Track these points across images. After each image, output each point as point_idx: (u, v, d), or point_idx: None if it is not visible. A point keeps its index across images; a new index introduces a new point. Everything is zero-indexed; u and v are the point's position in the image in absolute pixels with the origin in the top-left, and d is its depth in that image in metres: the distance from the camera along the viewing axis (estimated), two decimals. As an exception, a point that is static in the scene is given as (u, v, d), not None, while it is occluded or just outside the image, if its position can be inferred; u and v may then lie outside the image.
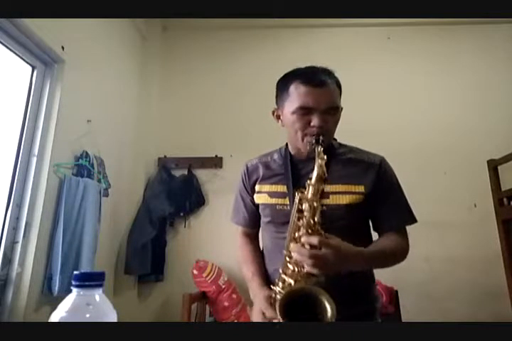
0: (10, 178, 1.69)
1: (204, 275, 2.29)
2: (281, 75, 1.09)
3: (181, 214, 2.67)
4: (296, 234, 0.89)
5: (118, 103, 2.56)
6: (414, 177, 2.71)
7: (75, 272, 0.51)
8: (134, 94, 2.82)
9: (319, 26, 3.03)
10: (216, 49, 3.08)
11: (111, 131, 2.40)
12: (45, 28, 1.75)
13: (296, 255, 0.82)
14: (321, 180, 0.88)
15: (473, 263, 2.51)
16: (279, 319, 0.81)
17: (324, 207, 0.96)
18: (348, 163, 1.04)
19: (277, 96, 1.07)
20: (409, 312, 2.19)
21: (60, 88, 1.88)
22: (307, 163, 1.02)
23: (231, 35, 3.10)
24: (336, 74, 1.07)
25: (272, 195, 1.05)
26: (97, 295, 0.51)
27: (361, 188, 0.99)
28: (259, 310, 0.92)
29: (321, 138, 0.93)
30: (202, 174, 2.78)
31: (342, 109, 1.05)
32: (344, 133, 1.20)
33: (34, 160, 1.76)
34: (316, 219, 0.86)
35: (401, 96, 2.92)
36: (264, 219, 1.10)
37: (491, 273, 2.46)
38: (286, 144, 1.13)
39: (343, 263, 0.83)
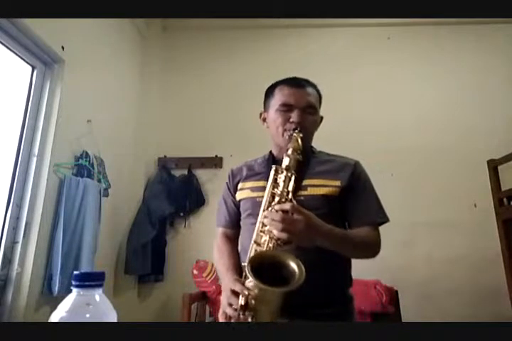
0: (10, 178, 1.69)
1: (204, 275, 2.29)
2: (282, 75, 1.18)
3: (181, 214, 2.67)
4: (269, 206, 0.92)
5: (118, 103, 2.56)
6: (414, 177, 2.72)
7: (75, 272, 0.51)
8: (134, 94, 2.82)
9: (319, 26, 3.03)
10: (216, 49, 3.08)
11: (111, 131, 2.40)
12: (45, 28, 1.75)
13: (268, 220, 0.85)
14: (297, 151, 0.99)
15: (473, 263, 2.50)
16: (245, 292, 0.81)
17: (302, 198, 1.02)
18: (325, 162, 1.12)
19: (265, 101, 1.19)
20: (409, 312, 2.19)
21: (60, 88, 1.88)
22: None
23: (231, 35, 3.10)
24: (336, 76, 1.13)
25: (253, 189, 1.11)
26: (97, 295, 0.51)
27: (337, 183, 1.05)
28: (228, 289, 0.90)
29: (298, 129, 1.04)
30: (202, 174, 2.78)
31: (322, 118, 1.20)
32: (344, 133, 1.20)
33: (34, 160, 1.76)
34: (290, 188, 0.92)
35: (401, 96, 2.91)
36: (244, 214, 1.14)
37: (491, 273, 2.46)
38: (270, 151, 1.22)
39: (312, 232, 0.86)
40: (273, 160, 1.16)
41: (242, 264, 0.96)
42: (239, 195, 1.15)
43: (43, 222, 1.72)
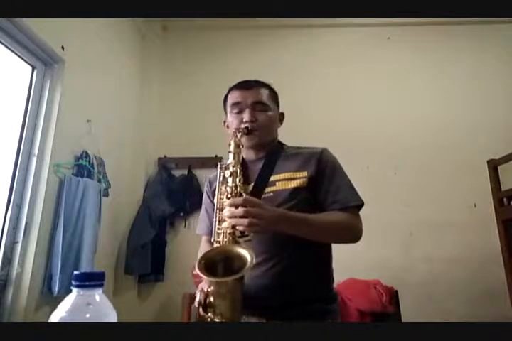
0: (10, 178, 1.69)
1: (204, 275, 2.29)
2: (282, 75, 1.18)
3: (181, 214, 2.67)
4: (221, 203, 0.94)
5: (118, 103, 2.56)
6: (414, 177, 2.72)
7: (75, 272, 0.51)
8: (134, 94, 2.82)
9: (319, 26, 3.03)
10: (216, 49, 3.08)
11: (111, 131, 2.40)
12: (45, 28, 1.75)
13: (230, 219, 0.85)
14: (238, 147, 1.03)
15: (473, 263, 2.50)
16: (204, 289, 0.81)
17: (271, 194, 1.04)
18: (292, 156, 1.12)
19: (224, 109, 1.23)
20: (409, 312, 2.19)
21: (60, 88, 1.88)
22: (257, 161, 1.12)
23: (231, 35, 3.10)
24: (337, 76, 1.12)
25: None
26: (97, 295, 0.51)
27: (305, 174, 1.05)
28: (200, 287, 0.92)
29: (249, 127, 1.06)
30: (202, 174, 2.78)
31: (283, 115, 1.22)
32: (344, 133, 1.21)
33: (34, 160, 1.76)
34: (237, 182, 0.94)
35: (401, 96, 2.92)
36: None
37: (491, 273, 2.46)
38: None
39: (274, 218, 0.86)
40: (243, 162, 1.14)
41: None
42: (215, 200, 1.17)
43: (43, 222, 1.71)
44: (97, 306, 0.50)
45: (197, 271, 0.77)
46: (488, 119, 2.80)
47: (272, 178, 1.06)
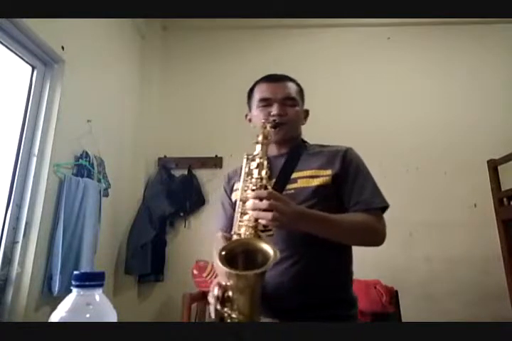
0: (10, 178, 1.69)
1: (204, 275, 2.29)
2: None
3: (181, 214, 2.67)
4: (245, 195, 0.90)
5: (118, 103, 2.56)
6: (414, 177, 2.72)
7: (75, 272, 0.51)
8: (134, 94, 2.82)
9: (319, 26, 3.03)
10: (216, 49, 3.08)
11: (111, 131, 2.40)
12: (45, 28, 1.75)
13: (253, 211, 0.82)
14: (267, 138, 0.97)
15: (473, 263, 2.50)
16: (222, 283, 0.78)
17: (292, 191, 1.01)
18: (316, 154, 1.10)
19: (248, 102, 1.22)
20: (409, 312, 2.19)
21: (60, 88, 1.88)
22: (279, 157, 1.09)
23: (231, 35, 3.10)
24: (337, 76, 1.12)
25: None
26: (97, 295, 0.51)
27: (328, 172, 1.02)
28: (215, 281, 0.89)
29: (277, 120, 1.03)
30: (202, 174, 2.78)
31: (308, 112, 1.19)
32: (344, 133, 1.21)
33: (34, 160, 1.76)
34: (263, 175, 0.90)
35: (401, 96, 2.92)
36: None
37: (491, 273, 2.46)
38: None
39: (296, 215, 0.84)
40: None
41: None
42: (234, 196, 1.14)
43: (43, 222, 1.71)
44: (97, 306, 0.50)
45: (217, 263, 0.73)
46: (488, 119, 2.80)
47: (294, 175, 1.03)
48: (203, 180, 2.77)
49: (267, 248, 0.75)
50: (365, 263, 2.52)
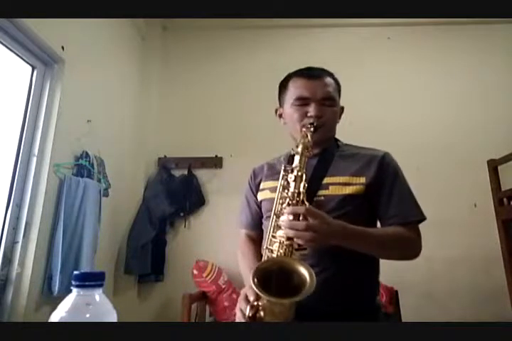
0: (10, 178, 1.69)
1: (204, 275, 2.29)
2: (282, 75, 1.15)
3: (181, 214, 2.67)
4: (280, 208, 0.87)
5: (118, 103, 2.56)
6: (414, 177, 2.70)
7: (75, 272, 0.51)
8: (134, 94, 2.82)
9: (319, 26, 3.03)
10: (216, 49, 3.08)
11: (111, 131, 2.40)
12: (45, 28, 1.75)
13: (288, 230, 0.78)
14: (307, 149, 0.92)
15: (473, 263, 2.50)
16: (254, 303, 0.75)
17: (322, 198, 0.95)
18: (350, 157, 1.04)
19: (279, 96, 1.12)
20: (409, 312, 2.19)
21: (60, 88, 1.88)
22: (311, 158, 1.00)
23: (231, 35, 3.10)
24: (337, 76, 1.10)
25: (273, 190, 1.03)
26: (97, 295, 0.51)
27: (362, 180, 0.97)
28: (244, 293, 0.86)
29: (315, 123, 0.97)
30: (202, 174, 2.78)
31: (343, 109, 1.12)
32: (344, 133, 1.20)
33: (34, 160, 1.76)
34: (301, 189, 0.85)
35: (401, 96, 2.91)
36: (264, 216, 1.08)
37: (491, 273, 2.46)
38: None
39: (334, 233, 0.81)
40: (293, 158, 1.08)
41: None
42: (260, 196, 1.10)
43: (43, 222, 1.71)
44: (96, 306, 0.50)
45: (252, 286, 0.70)
46: (488, 119, 2.80)
47: (326, 180, 0.97)
48: (203, 180, 2.77)
49: (303, 272, 0.73)
50: (365, 263, 2.53)
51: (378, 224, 1.04)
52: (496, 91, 2.88)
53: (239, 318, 0.81)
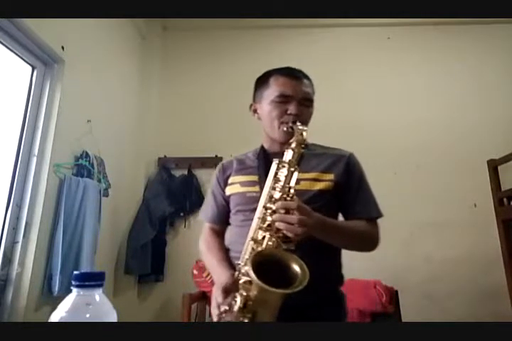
0: (10, 178, 1.69)
1: (204, 275, 2.29)
2: None
3: (181, 214, 2.67)
4: (269, 204, 0.89)
5: (118, 103, 2.56)
6: (414, 177, 2.72)
7: (75, 272, 0.51)
8: (133, 94, 2.82)
9: (319, 26, 3.03)
10: (216, 49, 3.08)
11: (111, 131, 2.40)
12: (45, 28, 1.75)
13: (280, 223, 0.81)
14: (300, 145, 0.93)
15: (473, 263, 2.51)
16: (236, 296, 0.78)
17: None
18: (319, 155, 1.09)
19: (256, 91, 1.14)
20: (409, 312, 2.19)
21: (60, 88, 1.88)
22: (280, 155, 1.02)
23: (231, 35, 3.10)
24: (337, 76, 1.11)
25: (243, 184, 1.07)
26: (97, 295, 0.51)
27: (331, 176, 1.03)
28: (221, 283, 0.90)
29: (298, 122, 0.99)
30: (202, 174, 2.78)
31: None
32: (344, 133, 1.21)
33: (34, 160, 1.76)
34: (292, 184, 0.89)
35: (401, 96, 2.92)
36: (233, 210, 1.10)
37: (491, 273, 2.46)
38: (262, 145, 1.17)
39: (317, 225, 0.85)
40: (264, 153, 1.11)
41: (236, 262, 0.94)
42: (229, 190, 1.12)
43: (43, 222, 1.71)
44: (97, 306, 0.50)
45: (249, 273, 0.73)
46: (488, 119, 2.80)
47: (297, 176, 1.00)
48: (202, 180, 2.77)
49: (297, 266, 0.76)
50: (365, 263, 2.53)
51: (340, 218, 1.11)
52: (496, 91, 2.88)
53: (216, 313, 0.84)
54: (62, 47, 1.89)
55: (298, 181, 0.98)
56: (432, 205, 2.64)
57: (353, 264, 1.13)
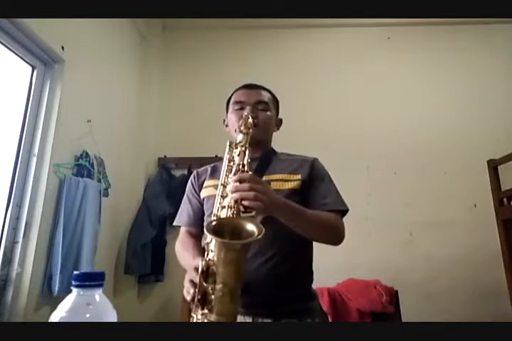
0: (10, 178, 1.69)
1: (204, 275, 2.29)
2: (283, 74, 1.19)
3: (181, 214, 2.67)
4: (226, 180, 0.94)
5: (118, 103, 2.56)
6: (414, 177, 2.72)
7: (75, 272, 0.51)
8: (133, 94, 2.82)
9: (319, 26, 3.03)
10: (216, 49, 3.08)
11: (111, 131, 2.40)
12: (45, 28, 1.75)
13: (235, 193, 0.84)
14: (248, 128, 1.04)
15: (473, 263, 2.51)
16: (205, 258, 0.79)
17: None
18: (286, 160, 1.17)
19: (226, 110, 1.26)
20: (409, 312, 2.19)
21: (60, 88, 1.88)
22: (252, 162, 1.08)
23: (231, 35, 3.10)
24: (337, 75, 1.11)
25: (216, 186, 1.09)
26: (97, 295, 0.51)
27: (298, 176, 1.09)
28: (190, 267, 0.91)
29: (250, 120, 1.07)
30: (202, 174, 2.78)
31: (281, 121, 1.26)
32: (345, 133, 1.21)
33: (34, 160, 1.76)
34: (245, 161, 0.95)
35: (401, 96, 2.92)
36: (207, 212, 1.14)
37: (491, 273, 2.46)
38: None
39: (274, 200, 0.87)
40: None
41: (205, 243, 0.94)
42: (203, 193, 1.18)
43: (43, 222, 1.71)
44: (97, 306, 0.50)
45: (205, 231, 0.74)
46: (488, 119, 2.80)
47: (266, 177, 1.08)
48: (203, 180, 2.77)
49: (252, 225, 0.76)
50: (365, 263, 2.53)
51: None
52: (497, 91, 2.88)
53: (187, 287, 0.87)
54: (62, 47, 1.89)
55: (268, 182, 1.06)
56: (432, 205, 2.64)
57: (353, 264, 1.13)
